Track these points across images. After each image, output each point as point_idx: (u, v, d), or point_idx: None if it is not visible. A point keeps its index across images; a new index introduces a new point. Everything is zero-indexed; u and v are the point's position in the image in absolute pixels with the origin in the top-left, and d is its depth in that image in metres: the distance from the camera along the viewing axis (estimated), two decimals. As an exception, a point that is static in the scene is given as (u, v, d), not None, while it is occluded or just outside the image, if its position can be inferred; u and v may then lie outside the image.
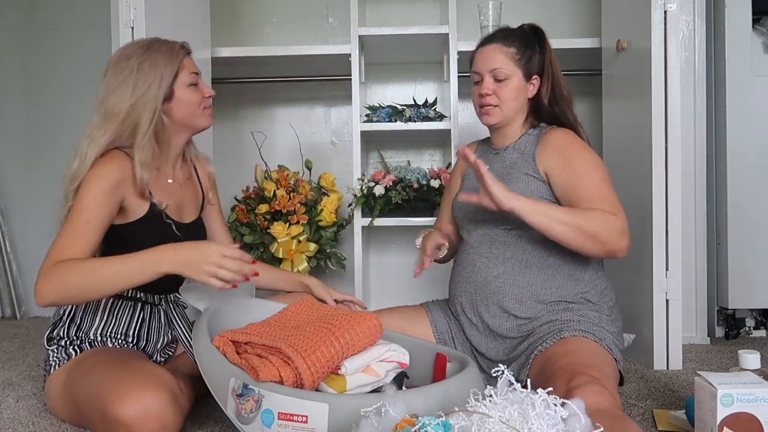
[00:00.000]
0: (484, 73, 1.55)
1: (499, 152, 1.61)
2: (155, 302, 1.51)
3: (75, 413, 1.35)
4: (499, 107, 1.55)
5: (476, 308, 1.53)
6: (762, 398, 1.10)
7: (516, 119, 1.59)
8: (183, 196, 1.55)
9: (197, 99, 1.48)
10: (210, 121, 1.54)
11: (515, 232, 1.51)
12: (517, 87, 1.55)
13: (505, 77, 1.53)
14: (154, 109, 1.40)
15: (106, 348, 1.41)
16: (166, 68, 1.42)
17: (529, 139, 1.57)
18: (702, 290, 2.20)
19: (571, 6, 2.53)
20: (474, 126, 2.57)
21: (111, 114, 1.39)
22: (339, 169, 2.55)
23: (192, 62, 1.50)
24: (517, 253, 1.50)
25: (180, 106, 1.46)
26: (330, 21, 2.61)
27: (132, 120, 1.39)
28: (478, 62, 1.58)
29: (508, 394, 0.86)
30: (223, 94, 2.45)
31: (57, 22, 2.78)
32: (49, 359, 1.42)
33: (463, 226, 1.63)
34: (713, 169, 2.25)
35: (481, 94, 1.56)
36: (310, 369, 1.11)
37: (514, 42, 1.55)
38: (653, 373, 1.78)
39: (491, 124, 1.59)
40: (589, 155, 1.49)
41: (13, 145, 2.81)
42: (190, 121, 1.49)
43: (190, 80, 1.47)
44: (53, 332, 1.45)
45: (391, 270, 2.57)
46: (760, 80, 2.20)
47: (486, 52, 1.56)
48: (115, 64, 1.42)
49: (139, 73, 1.40)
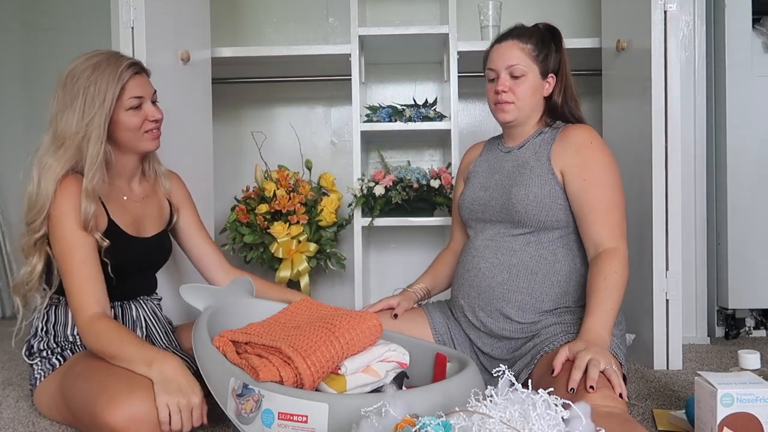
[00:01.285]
0: (500, 69, 1.52)
1: (512, 150, 1.59)
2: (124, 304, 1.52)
3: (69, 418, 1.35)
4: (515, 104, 1.52)
5: (476, 312, 1.52)
6: (762, 398, 1.10)
7: (531, 118, 1.56)
8: (141, 212, 1.53)
9: (136, 123, 1.44)
10: (154, 144, 1.49)
11: (523, 238, 1.50)
12: (534, 84, 1.52)
13: (521, 74, 1.51)
14: (100, 138, 1.38)
15: (91, 352, 1.41)
16: (107, 93, 1.38)
17: (544, 137, 1.54)
18: (702, 290, 2.20)
19: (571, 6, 2.53)
20: (474, 126, 2.58)
21: (61, 138, 1.38)
22: (339, 169, 2.55)
23: (139, 82, 1.44)
24: (523, 260, 1.48)
25: (120, 130, 1.43)
26: (330, 21, 2.61)
27: (81, 149, 1.38)
28: (493, 59, 1.55)
29: (508, 394, 0.86)
30: (223, 94, 2.45)
31: (57, 22, 2.78)
32: (33, 373, 1.44)
33: (471, 225, 1.62)
34: (713, 169, 2.25)
35: (497, 90, 1.52)
36: (310, 369, 1.11)
37: (531, 39, 1.53)
38: (653, 373, 1.78)
39: (507, 121, 1.55)
40: (606, 159, 1.47)
41: (13, 145, 2.81)
42: (131, 144, 1.46)
43: (131, 104, 1.42)
44: (32, 347, 1.46)
45: (391, 270, 2.57)
46: (760, 80, 2.20)
47: (502, 49, 1.53)
48: (64, 84, 1.40)
49: (85, 96, 1.37)
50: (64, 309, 1.46)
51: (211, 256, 1.65)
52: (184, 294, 1.47)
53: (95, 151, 1.37)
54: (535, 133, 1.57)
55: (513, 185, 1.50)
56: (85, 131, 1.37)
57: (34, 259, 1.41)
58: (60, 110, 1.39)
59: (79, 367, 1.33)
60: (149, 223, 1.54)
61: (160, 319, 1.58)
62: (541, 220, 1.47)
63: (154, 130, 1.48)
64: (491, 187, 1.57)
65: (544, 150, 1.51)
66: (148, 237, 1.53)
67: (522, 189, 1.48)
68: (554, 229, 1.49)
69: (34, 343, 1.46)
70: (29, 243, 1.40)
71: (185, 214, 1.64)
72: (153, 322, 1.55)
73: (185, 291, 1.46)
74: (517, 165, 1.54)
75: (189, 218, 1.65)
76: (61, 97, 1.40)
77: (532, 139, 1.56)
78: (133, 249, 1.48)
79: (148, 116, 1.45)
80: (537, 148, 1.53)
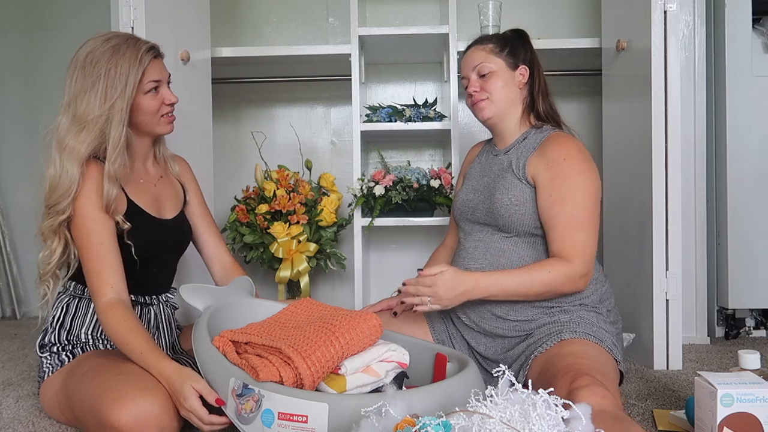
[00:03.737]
0: (468, 72, 1.58)
1: (499, 154, 1.60)
2: (146, 302, 1.51)
3: (71, 418, 1.35)
4: (488, 99, 1.55)
5: (468, 313, 1.53)
6: (762, 398, 1.10)
7: (511, 113, 1.57)
8: (159, 192, 1.54)
9: (155, 107, 1.45)
10: (170, 128, 1.51)
11: (511, 240, 1.50)
12: (504, 78, 1.55)
13: (488, 71, 1.55)
14: (122, 122, 1.39)
15: (100, 351, 1.41)
16: (129, 76, 1.39)
17: (528, 142, 1.55)
18: (702, 290, 2.20)
19: (571, 6, 2.53)
20: (474, 126, 2.57)
21: (82, 121, 1.38)
22: (339, 169, 2.55)
23: (157, 67, 1.46)
24: (512, 261, 1.49)
25: (138, 113, 1.44)
26: (330, 21, 2.61)
27: (104, 132, 1.38)
28: (461, 67, 1.63)
29: (509, 394, 0.86)
30: (223, 94, 2.45)
31: (57, 22, 2.78)
32: (42, 366, 1.42)
33: (461, 226, 1.63)
34: (713, 169, 2.25)
35: (469, 92, 1.58)
36: (310, 369, 1.11)
37: (491, 40, 1.59)
38: (653, 373, 1.78)
39: (486, 117, 1.57)
40: (578, 178, 1.44)
41: (13, 145, 2.81)
42: (148, 128, 1.48)
43: (149, 87, 1.43)
44: (45, 339, 1.45)
45: (391, 270, 2.57)
46: (760, 80, 2.20)
47: (466, 56, 1.61)
48: (83, 66, 1.40)
49: (107, 79, 1.38)
50: (86, 303, 1.45)
51: (211, 245, 1.66)
52: (184, 294, 1.47)
53: (117, 135, 1.38)
54: (521, 136, 1.57)
55: (496, 189, 1.52)
56: (108, 114, 1.38)
57: (53, 243, 1.40)
58: (80, 93, 1.39)
59: (85, 367, 1.33)
60: (168, 204, 1.55)
61: (172, 328, 1.58)
62: (524, 223, 1.48)
63: (170, 113, 1.50)
64: (480, 189, 1.59)
65: (524, 156, 1.53)
66: (169, 219, 1.53)
67: (504, 192, 1.50)
68: (539, 235, 1.49)
69: (48, 334, 1.45)
70: (52, 225, 1.38)
71: (191, 197, 1.65)
72: (166, 331, 1.54)
73: (185, 291, 1.46)
74: (502, 169, 1.56)
75: (194, 200, 1.66)
76: (80, 79, 1.39)
77: (518, 144, 1.57)
78: (156, 229, 1.48)
79: (164, 100, 1.47)
80: (519, 154, 1.54)
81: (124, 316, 1.31)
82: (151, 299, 1.52)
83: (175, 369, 1.21)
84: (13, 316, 2.78)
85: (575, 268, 1.41)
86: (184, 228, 1.59)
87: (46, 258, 1.40)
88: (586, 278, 1.43)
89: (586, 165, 1.47)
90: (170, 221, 1.53)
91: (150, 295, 1.52)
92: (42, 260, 1.41)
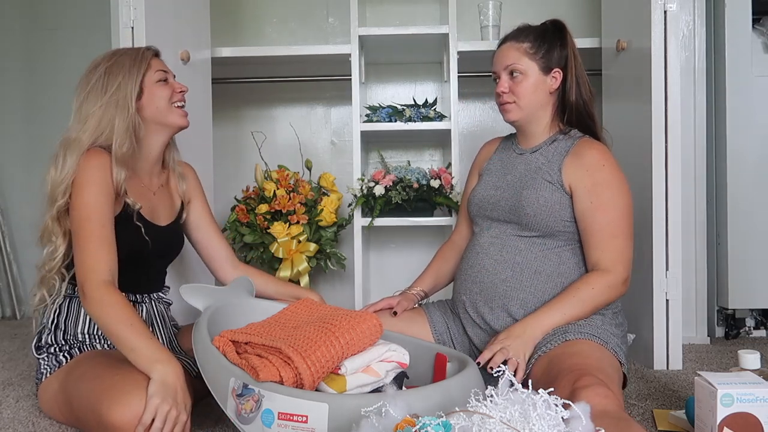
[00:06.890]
0: (500, 71, 1.55)
1: (524, 153, 1.59)
2: (137, 300, 1.51)
3: (71, 418, 1.35)
4: (516, 104, 1.53)
5: (478, 309, 1.52)
6: (762, 398, 1.10)
7: (540, 117, 1.56)
8: (156, 201, 1.54)
9: (166, 94, 1.49)
10: (183, 120, 1.52)
11: (529, 240, 1.50)
12: (535, 81, 1.53)
13: (520, 73, 1.52)
14: (127, 107, 1.41)
15: (97, 351, 1.41)
16: (132, 68, 1.44)
17: (558, 146, 1.53)
18: (702, 290, 2.20)
19: (571, 6, 2.53)
20: (474, 126, 2.58)
21: (86, 117, 1.41)
22: (339, 169, 2.55)
23: (160, 62, 1.52)
24: (528, 260, 1.49)
25: (149, 103, 1.47)
26: (330, 21, 2.61)
27: (108, 120, 1.40)
28: (494, 62, 1.58)
29: (509, 394, 0.86)
30: (223, 94, 2.45)
31: (57, 22, 2.78)
32: (40, 368, 1.42)
33: (477, 222, 1.62)
34: (713, 169, 2.25)
35: (497, 92, 1.56)
36: (310, 369, 1.11)
37: (527, 37, 1.54)
38: (653, 373, 1.78)
39: (511, 120, 1.57)
40: (617, 184, 1.48)
41: (13, 145, 2.81)
42: (162, 118, 1.49)
43: (158, 77, 1.48)
44: (41, 340, 1.45)
45: (391, 270, 2.57)
46: (760, 80, 2.20)
47: (500, 52, 1.57)
48: (85, 76, 1.46)
49: (107, 76, 1.43)
50: (77, 303, 1.44)
51: (220, 250, 1.66)
52: (184, 294, 1.47)
53: (122, 117, 1.41)
54: (549, 139, 1.56)
55: (524, 188, 1.51)
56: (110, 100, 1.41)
57: (58, 239, 1.40)
58: (82, 100, 1.44)
59: (84, 367, 1.33)
60: (162, 213, 1.56)
61: (167, 323, 1.58)
62: (549, 225, 1.48)
63: (182, 104, 1.53)
64: (503, 186, 1.58)
65: (556, 160, 1.51)
66: (163, 225, 1.54)
67: (533, 192, 1.49)
68: (561, 235, 1.49)
69: (44, 335, 1.45)
70: (52, 215, 1.38)
71: (197, 205, 1.65)
72: (160, 326, 1.54)
73: (185, 291, 1.46)
74: (530, 169, 1.55)
75: (201, 210, 1.66)
76: (83, 87, 1.44)
77: (546, 146, 1.55)
78: (150, 233, 1.48)
79: (175, 88, 1.51)
80: (550, 156, 1.53)
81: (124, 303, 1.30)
82: (142, 297, 1.52)
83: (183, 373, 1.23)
84: (13, 316, 2.78)
85: (617, 276, 1.45)
86: (178, 235, 1.60)
87: (48, 255, 1.41)
88: (627, 282, 1.47)
89: (621, 172, 1.50)
90: (162, 227, 1.54)
91: (141, 293, 1.52)
92: (46, 256, 1.41)
